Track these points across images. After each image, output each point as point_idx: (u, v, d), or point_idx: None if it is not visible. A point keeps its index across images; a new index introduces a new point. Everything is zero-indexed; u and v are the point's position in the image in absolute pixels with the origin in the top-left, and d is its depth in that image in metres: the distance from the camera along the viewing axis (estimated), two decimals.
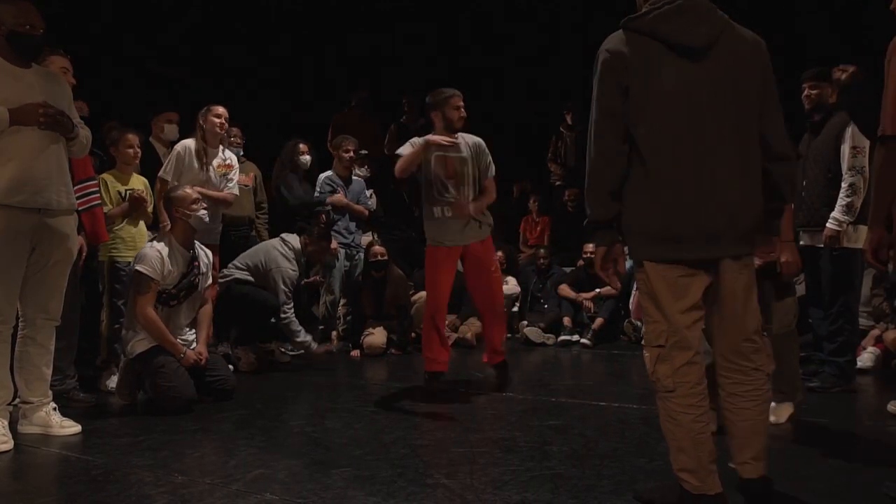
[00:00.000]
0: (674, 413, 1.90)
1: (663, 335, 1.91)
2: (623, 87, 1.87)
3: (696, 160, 1.86)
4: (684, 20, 1.88)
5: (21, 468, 2.49)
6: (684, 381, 1.89)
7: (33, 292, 2.80)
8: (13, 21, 2.64)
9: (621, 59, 1.88)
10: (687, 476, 1.91)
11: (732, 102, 1.89)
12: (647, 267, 1.92)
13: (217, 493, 2.16)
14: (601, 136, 1.90)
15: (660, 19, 1.88)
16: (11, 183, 2.61)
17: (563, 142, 7.68)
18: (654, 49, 1.88)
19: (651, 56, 1.87)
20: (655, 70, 1.87)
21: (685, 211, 1.86)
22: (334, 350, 5.12)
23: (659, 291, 1.91)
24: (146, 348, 3.34)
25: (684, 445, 1.90)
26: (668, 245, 1.88)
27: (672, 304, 1.90)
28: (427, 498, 2.10)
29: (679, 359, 1.90)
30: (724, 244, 1.90)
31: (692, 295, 1.91)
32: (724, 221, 1.88)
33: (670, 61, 1.87)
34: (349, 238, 5.28)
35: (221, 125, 4.23)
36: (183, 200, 3.47)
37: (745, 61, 1.92)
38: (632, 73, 1.87)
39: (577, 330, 5.82)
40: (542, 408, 3.35)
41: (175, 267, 3.42)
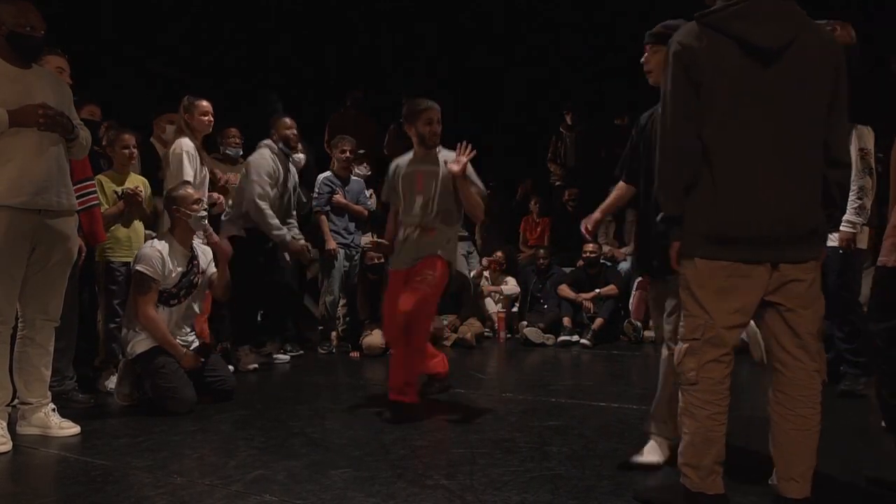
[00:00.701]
0: (692, 406, 1.91)
1: (699, 329, 1.90)
2: (695, 81, 1.84)
3: (759, 163, 1.85)
4: (760, 19, 1.83)
5: (20, 469, 2.48)
6: (708, 377, 1.89)
7: (33, 293, 2.80)
8: (13, 21, 2.63)
9: (692, 54, 1.84)
10: (689, 472, 1.91)
11: (801, 107, 1.85)
12: (697, 264, 1.90)
13: (216, 494, 2.15)
14: (672, 134, 1.89)
15: (735, 16, 1.83)
16: (12, 184, 2.61)
17: (562, 142, 7.68)
18: (726, 46, 1.83)
19: (722, 54, 1.83)
20: (726, 69, 1.83)
21: (744, 213, 1.85)
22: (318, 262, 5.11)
23: (705, 289, 1.89)
24: (146, 349, 3.33)
25: (695, 440, 1.90)
26: (723, 245, 1.87)
27: (716, 303, 1.88)
28: (427, 499, 2.10)
29: (708, 355, 1.89)
30: (781, 248, 1.87)
31: (740, 297, 1.88)
32: (783, 226, 1.85)
33: (741, 61, 1.83)
34: (348, 238, 5.27)
35: (209, 121, 4.15)
36: (184, 200, 3.47)
37: (817, 64, 1.87)
38: (701, 69, 1.83)
39: (577, 330, 5.83)
40: (542, 408, 3.35)
41: (175, 266, 3.41)
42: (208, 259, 3.61)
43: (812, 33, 1.87)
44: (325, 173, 5.32)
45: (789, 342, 1.91)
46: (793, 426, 1.91)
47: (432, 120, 3.46)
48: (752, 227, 1.85)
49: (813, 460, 1.92)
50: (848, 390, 3.51)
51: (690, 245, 1.92)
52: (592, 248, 6.12)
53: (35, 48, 2.73)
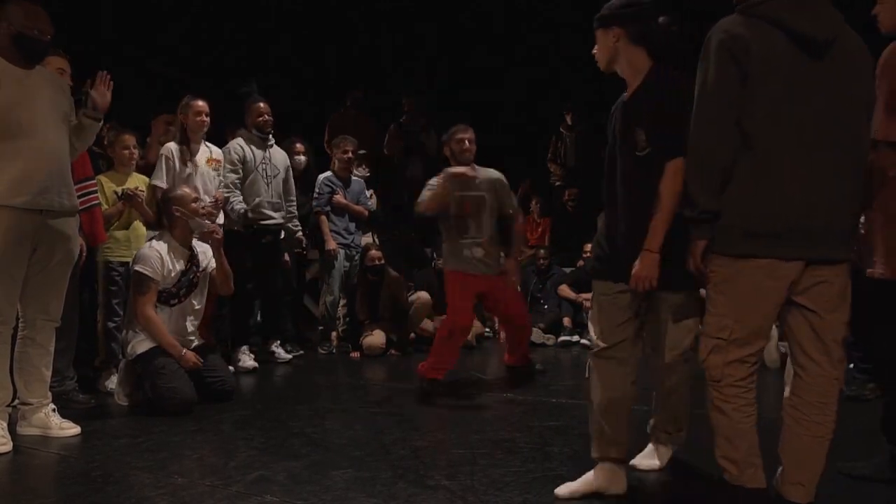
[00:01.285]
0: (718, 402, 1.90)
1: (727, 329, 1.86)
2: (744, 72, 1.79)
3: (803, 158, 1.80)
4: (808, 12, 1.81)
5: (20, 470, 2.48)
6: (731, 374, 1.87)
7: (34, 293, 2.80)
8: (21, 23, 2.64)
9: (743, 43, 1.79)
10: (727, 464, 1.90)
11: (845, 102, 1.83)
12: (737, 262, 1.84)
13: (217, 494, 2.15)
14: (715, 123, 1.82)
15: (783, 7, 1.81)
16: (13, 184, 2.61)
17: (562, 142, 7.67)
18: (776, 38, 1.80)
19: (772, 44, 1.80)
20: (776, 60, 1.79)
21: (787, 209, 1.80)
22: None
23: (738, 288, 1.85)
24: (146, 349, 3.33)
25: (728, 434, 1.89)
26: (760, 240, 1.81)
27: (747, 304, 1.85)
28: (428, 499, 2.10)
29: (734, 354, 1.87)
30: (816, 245, 1.83)
31: (772, 298, 1.85)
32: (822, 223, 1.82)
33: (791, 52, 1.80)
34: (349, 238, 5.27)
35: (203, 121, 4.16)
36: (182, 200, 3.47)
37: (858, 64, 1.87)
38: (752, 58, 1.78)
39: (578, 330, 5.82)
40: (543, 409, 3.35)
41: (175, 266, 3.41)
42: (208, 257, 3.61)
43: (850, 33, 1.86)
44: (325, 173, 5.31)
45: (813, 347, 1.88)
46: (806, 432, 1.89)
47: (463, 139, 3.87)
48: (791, 219, 1.80)
49: (821, 467, 1.90)
50: (854, 395, 3.45)
51: (724, 241, 1.85)
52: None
53: (40, 52, 2.73)
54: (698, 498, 2.21)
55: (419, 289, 5.57)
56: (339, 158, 5.29)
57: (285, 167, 4.74)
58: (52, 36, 2.70)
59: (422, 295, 5.43)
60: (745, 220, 1.83)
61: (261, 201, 4.51)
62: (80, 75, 3.46)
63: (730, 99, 1.81)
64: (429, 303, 5.43)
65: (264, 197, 4.53)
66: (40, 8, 2.70)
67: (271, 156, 4.62)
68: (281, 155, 4.75)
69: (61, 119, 2.79)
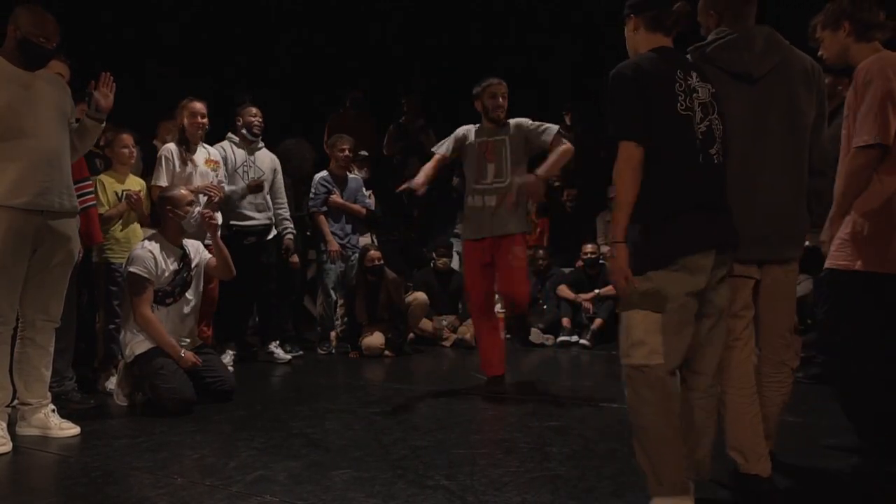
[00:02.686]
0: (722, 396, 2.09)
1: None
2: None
3: (751, 174, 2.07)
4: (744, 50, 2.09)
5: (20, 470, 2.48)
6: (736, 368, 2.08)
7: (34, 294, 2.80)
8: (28, 29, 2.66)
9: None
10: (736, 455, 2.08)
11: (788, 122, 2.11)
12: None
13: (217, 494, 2.15)
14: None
15: (721, 49, 2.11)
16: (14, 185, 2.62)
17: None
18: (716, 75, 2.07)
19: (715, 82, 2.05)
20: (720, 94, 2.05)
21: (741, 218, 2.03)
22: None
23: None
24: (145, 350, 3.33)
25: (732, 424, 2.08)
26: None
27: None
28: (427, 499, 2.10)
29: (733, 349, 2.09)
30: (772, 247, 2.11)
31: (744, 296, 2.10)
32: (771, 228, 2.09)
33: (732, 86, 2.08)
34: (345, 239, 5.27)
35: (200, 123, 4.19)
36: (177, 201, 3.47)
37: (800, 84, 2.13)
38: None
39: (577, 331, 5.83)
40: (542, 409, 3.35)
41: (168, 265, 3.42)
42: (200, 254, 3.61)
43: (793, 58, 2.14)
44: (321, 173, 5.32)
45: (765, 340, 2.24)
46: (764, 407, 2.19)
47: (496, 94, 3.69)
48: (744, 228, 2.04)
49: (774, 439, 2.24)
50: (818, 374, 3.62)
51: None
52: (591, 249, 6.12)
53: (43, 58, 2.74)
54: None
55: (417, 289, 5.58)
56: (336, 157, 5.29)
57: (272, 170, 4.78)
58: (57, 44, 2.72)
59: (419, 295, 5.44)
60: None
61: (241, 202, 4.55)
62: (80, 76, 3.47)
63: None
64: (425, 303, 5.43)
65: (246, 198, 4.57)
66: (49, 15, 2.72)
67: (256, 158, 4.69)
68: (269, 158, 4.79)
69: (62, 120, 2.80)
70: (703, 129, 1.95)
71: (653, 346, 1.94)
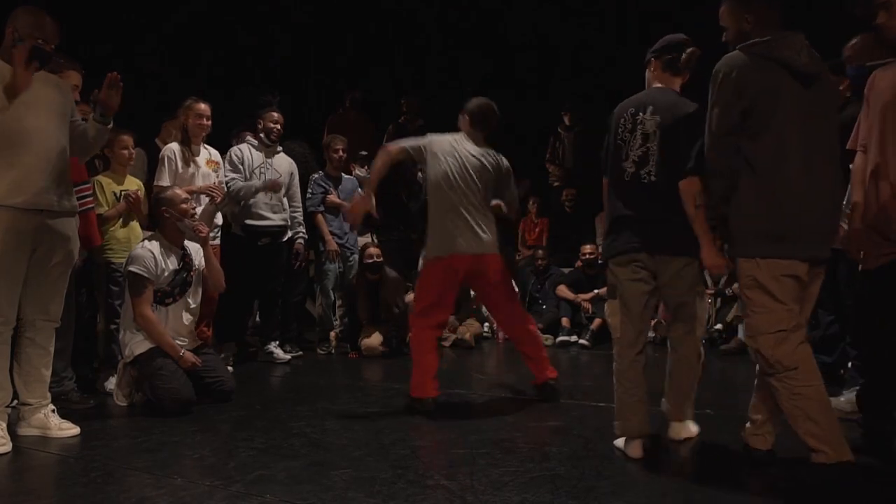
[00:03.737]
0: (798, 389, 2.12)
1: (784, 321, 2.16)
2: (749, 108, 2.19)
3: (808, 173, 2.16)
4: (802, 51, 2.19)
5: (20, 470, 2.48)
6: (804, 357, 2.14)
7: (34, 293, 2.80)
8: (27, 32, 2.65)
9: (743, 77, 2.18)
10: (825, 447, 2.10)
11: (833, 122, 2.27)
12: (760, 262, 2.19)
13: (217, 494, 2.16)
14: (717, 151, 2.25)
15: (782, 48, 2.19)
16: (13, 185, 2.62)
17: (561, 143, 7.69)
18: (775, 70, 2.18)
19: (772, 76, 2.17)
20: (778, 90, 2.17)
21: (796, 216, 2.16)
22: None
23: (775, 284, 2.16)
24: (145, 350, 3.33)
25: (816, 416, 2.10)
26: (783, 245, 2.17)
27: (786, 295, 2.17)
28: (427, 499, 2.10)
29: (796, 338, 2.15)
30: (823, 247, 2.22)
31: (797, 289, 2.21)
32: (825, 227, 2.23)
33: (789, 84, 2.18)
34: (343, 238, 5.28)
35: (203, 124, 4.20)
36: (171, 201, 3.48)
37: (831, 95, 2.32)
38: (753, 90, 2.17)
39: (576, 331, 5.83)
40: (542, 409, 3.36)
41: (168, 265, 3.42)
42: (201, 256, 3.62)
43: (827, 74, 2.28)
44: (316, 173, 5.33)
45: None
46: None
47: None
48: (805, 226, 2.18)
49: None
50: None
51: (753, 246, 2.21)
52: (591, 249, 6.13)
53: (42, 60, 2.72)
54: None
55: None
56: (331, 157, 5.31)
57: (289, 173, 4.82)
58: (55, 46, 2.71)
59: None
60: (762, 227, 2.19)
61: (257, 202, 4.59)
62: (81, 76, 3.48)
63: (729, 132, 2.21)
64: None
65: (261, 198, 4.61)
66: (49, 17, 2.72)
67: (274, 161, 4.72)
68: (286, 161, 4.84)
69: (61, 122, 2.80)
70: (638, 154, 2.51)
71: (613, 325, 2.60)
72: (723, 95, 2.20)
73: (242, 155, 4.61)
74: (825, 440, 2.09)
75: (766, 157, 2.17)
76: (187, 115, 4.17)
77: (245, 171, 4.59)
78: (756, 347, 2.19)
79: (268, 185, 4.58)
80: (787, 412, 2.16)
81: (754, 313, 2.20)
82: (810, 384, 2.11)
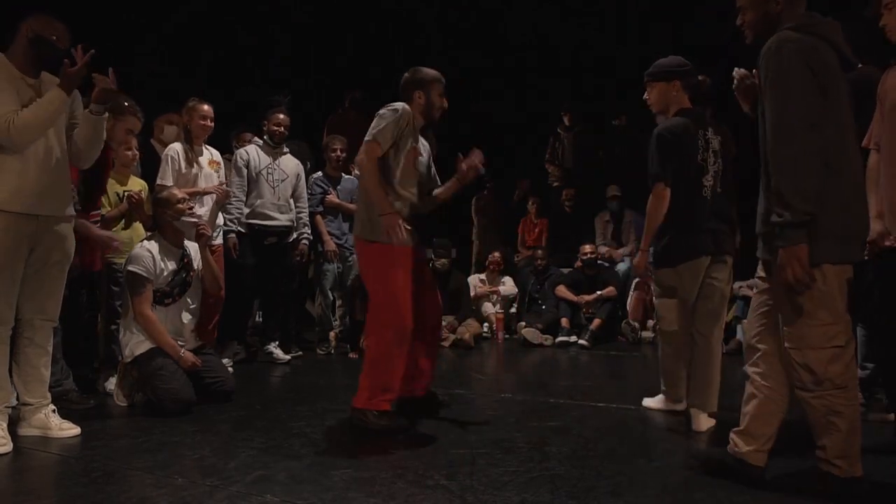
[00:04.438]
0: (840, 407, 1.99)
1: (840, 336, 1.98)
2: (822, 84, 1.95)
3: (858, 166, 2.04)
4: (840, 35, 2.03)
5: (20, 470, 2.48)
6: (853, 376, 2.03)
7: (31, 293, 2.80)
8: (40, 29, 2.69)
9: (817, 56, 1.95)
10: (841, 462, 2.02)
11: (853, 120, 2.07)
12: (826, 270, 1.96)
13: (218, 494, 2.16)
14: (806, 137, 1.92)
15: (827, 28, 2.02)
16: (12, 192, 2.63)
17: (560, 143, 7.69)
18: (833, 55, 2.00)
19: (832, 61, 1.99)
20: (837, 73, 1.99)
21: (861, 215, 2.01)
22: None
23: (837, 294, 1.98)
24: (145, 350, 3.34)
25: (849, 435, 2.01)
26: (849, 246, 1.99)
27: (843, 306, 2.00)
28: (427, 499, 2.11)
29: (848, 356, 2.00)
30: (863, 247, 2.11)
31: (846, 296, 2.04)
32: (867, 226, 2.10)
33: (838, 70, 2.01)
34: (342, 239, 5.28)
35: (206, 125, 4.21)
36: (167, 201, 3.48)
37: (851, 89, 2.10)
38: (825, 72, 1.96)
39: (575, 331, 5.84)
40: (541, 409, 3.36)
41: (167, 265, 3.42)
42: (199, 255, 3.62)
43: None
44: (316, 174, 5.34)
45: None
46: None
47: (443, 93, 3.18)
48: (863, 227, 2.04)
49: None
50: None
51: (821, 251, 1.95)
52: (590, 250, 6.14)
53: (54, 59, 2.72)
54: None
55: None
56: (330, 158, 5.31)
57: (296, 174, 4.85)
58: (67, 47, 2.72)
59: None
60: (832, 229, 1.95)
61: (264, 202, 4.62)
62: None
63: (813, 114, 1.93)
64: None
65: (268, 199, 4.64)
66: (62, 24, 2.75)
67: (280, 162, 4.75)
68: (293, 163, 4.86)
69: (62, 128, 2.81)
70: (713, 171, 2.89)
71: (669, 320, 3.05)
72: (794, 75, 1.91)
73: (248, 157, 4.64)
74: (844, 456, 2.01)
75: (836, 147, 1.95)
76: (191, 116, 4.18)
77: (251, 172, 4.63)
78: (805, 362, 2.00)
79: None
80: (818, 427, 2.03)
81: (808, 325, 1.98)
82: (851, 403, 2.00)
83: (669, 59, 2.89)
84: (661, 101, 2.96)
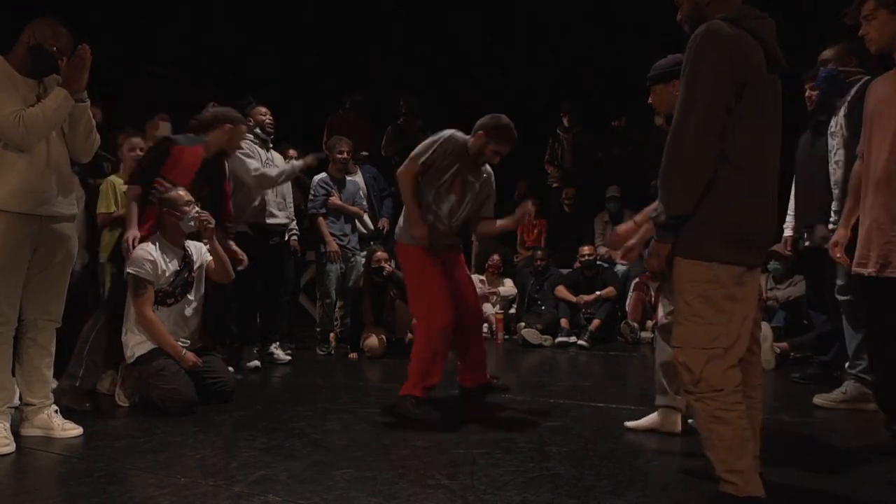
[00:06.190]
0: (719, 412, 1.89)
1: (721, 338, 1.90)
2: (740, 81, 1.86)
3: (769, 170, 1.95)
4: (768, 31, 1.94)
5: (23, 470, 2.49)
6: (732, 380, 1.90)
7: (35, 293, 2.81)
8: (43, 37, 2.70)
9: (740, 51, 1.85)
10: (734, 478, 1.89)
11: (778, 124, 1.99)
12: (716, 268, 1.89)
13: (220, 494, 2.17)
14: (707, 133, 1.85)
15: (759, 25, 1.92)
16: (14, 193, 2.64)
17: (559, 144, 7.71)
18: (757, 48, 1.90)
19: (759, 56, 1.90)
20: (762, 71, 1.91)
21: (761, 217, 1.94)
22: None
23: (725, 294, 1.89)
24: (146, 350, 3.35)
25: (733, 445, 1.88)
26: (741, 247, 1.90)
27: (735, 308, 1.91)
28: (428, 499, 2.12)
29: (731, 360, 1.91)
30: (765, 252, 2.03)
31: (752, 299, 1.96)
32: (770, 230, 2.00)
33: (765, 67, 1.92)
34: (344, 240, 5.29)
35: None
36: (174, 201, 3.49)
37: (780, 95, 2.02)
38: (746, 67, 1.86)
39: (575, 331, 5.85)
40: (541, 409, 3.38)
41: (168, 266, 3.43)
42: (202, 255, 3.63)
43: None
44: (320, 175, 5.34)
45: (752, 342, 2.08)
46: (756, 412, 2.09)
47: (498, 152, 3.42)
48: (762, 229, 1.94)
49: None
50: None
51: (710, 249, 1.89)
52: (589, 250, 6.16)
53: (50, 67, 2.75)
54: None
55: None
56: (335, 159, 5.32)
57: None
58: (66, 59, 2.73)
59: None
60: (723, 228, 1.89)
61: (267, 200, 4.63)
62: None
63: (722, 110, 1.85)
64: None
65: (270, 196, 4.66)
66: (67, 32, 2.76)
67: (273, 157, 4.74)
68: (279, 158, 4.87)
69: (62, 128, 2.82)
70: None
71: None
72: (714, 63, 1.83)
73: (253, 147, 4.61)
74: (739, 470, 1.88)
75: (750, 147, 1.88)
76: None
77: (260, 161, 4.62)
78: (684, 360, 1.93)
79: (308, 161, 4.64)
80: (703, 436, 1.95)
81: (689, 323, 1.92)
82: (732, 409, 1.88)
83: (668, 58, 2.81)
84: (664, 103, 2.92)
